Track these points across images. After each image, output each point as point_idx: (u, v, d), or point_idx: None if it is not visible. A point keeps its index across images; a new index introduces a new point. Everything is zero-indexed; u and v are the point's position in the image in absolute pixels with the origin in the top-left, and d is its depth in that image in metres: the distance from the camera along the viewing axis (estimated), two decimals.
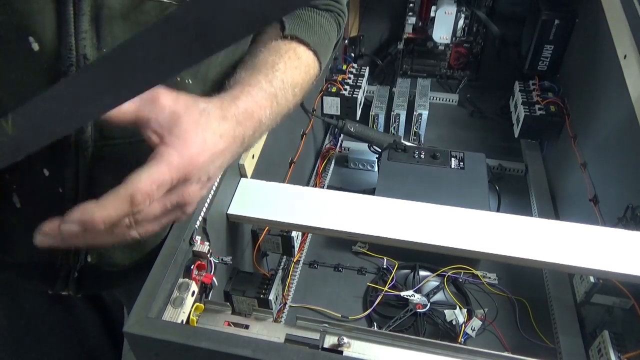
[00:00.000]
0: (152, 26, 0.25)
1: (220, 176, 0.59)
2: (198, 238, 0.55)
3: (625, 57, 0.79)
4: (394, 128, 1.16)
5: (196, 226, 0.55)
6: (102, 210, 0.37)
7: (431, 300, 0.82)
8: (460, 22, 1.21)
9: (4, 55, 0.43)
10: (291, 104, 0.52)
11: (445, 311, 0.78)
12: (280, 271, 0.87)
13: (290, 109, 0.52)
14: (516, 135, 1.08)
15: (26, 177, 0.50)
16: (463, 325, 0.76)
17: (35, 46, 0.42)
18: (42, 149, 0.35)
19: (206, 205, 0.57)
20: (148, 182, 0.37)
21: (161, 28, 0.25)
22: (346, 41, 1.27)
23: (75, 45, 0.43)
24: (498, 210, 0.97)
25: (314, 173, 1.12)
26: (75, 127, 0.40)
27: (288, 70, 0.51)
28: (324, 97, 1.09)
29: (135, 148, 0.47)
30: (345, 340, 0.49)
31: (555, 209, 1.01)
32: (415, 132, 1.16)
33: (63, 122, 0.33)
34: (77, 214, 0.37)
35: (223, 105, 0.44)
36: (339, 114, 1.11)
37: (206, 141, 0.41)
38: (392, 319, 0.81)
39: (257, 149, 0.70)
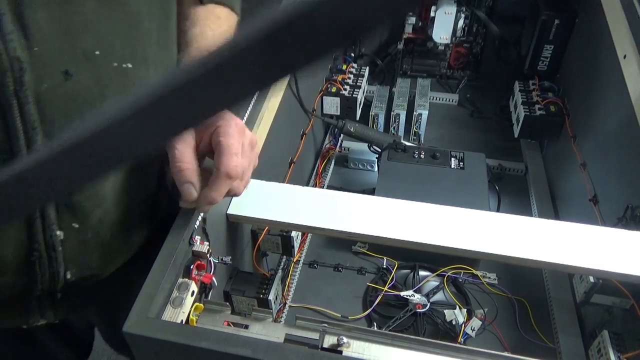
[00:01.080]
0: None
1: None
2: (197, 238, 0.55)
3: (625, 57, 0.79)
4: (394, 128, 1.16)
5: (196, 226, 0.55)
6: (217, 194, 0.48)
7: (431, 300, 0.82)
8: (460, 22, 1.21)
9: None
10: None
11: (445, 311, 0.78)
12: (280, 271, 0.87)
13: None
14: (516, 135, 1.08)
15: None
16: (463, 325, 0.76)
17: None
18: None
19: None
20: (231, 160, 0.48)
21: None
22: None
23: (4, 49, 0.40)
24: (498, 210, 0.97)
25: (314, 173, 1.12)
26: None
27: (216, 31, 0.57)
28: (324, 97, 1.09)
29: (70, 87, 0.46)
30: (345, 340, 0.49)
31: (555, 209, 1.01)
32: (415, 132, 1.16)
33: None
34: (204, 201, 0.48)
35: None
36: (338, 114, 1.11)
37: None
38: (391, 319, 0.81)
39: (256, 149, 0.70)
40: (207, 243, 0.56)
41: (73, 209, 0.49)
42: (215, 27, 0.58)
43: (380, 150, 1.03)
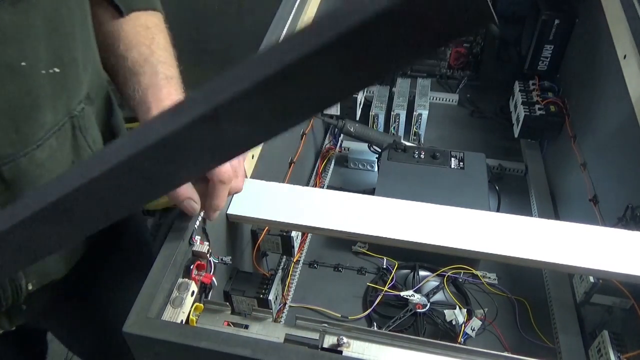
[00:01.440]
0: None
1: None
2: (197, 238, 0.55)
3: (625, 57, 0.79)
4: (394, 128, 1.16)
5: (196, 226, 0.55)
6: (220, 200, 0.51)
7: (431, 300, 0.82)
8: None
9: None
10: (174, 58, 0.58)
11: (445, 311, 0.78)
12: (280, 271, 0.87)
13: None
14: (516, 135, 1.08)
15: None
16: (463, 325, 0.76)
17: None
18: None
19: None
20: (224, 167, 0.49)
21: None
22: None
23: None
24: (498, 210, 0.97)
25: (314, 173, 1.12)
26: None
27: (154, 47, 0.56)
28: None
29: (30, 159, 0.45)
30: (345, 340, 0.49)
31: (555, 209, 1.01)
32: (415, 132, 1.16)
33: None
34: (210, 210, 0.51)
35: None
36: (338, 113, 1.10)
37: None
38: (391, 319, 0.80)
39: (256, 149, 0.70)
40: (207, 243, 0.56)
41: None
42: (149, 42, 0.56)
43: (380, 150, 1.03)
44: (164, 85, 0.53)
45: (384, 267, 0.89)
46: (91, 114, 0.52)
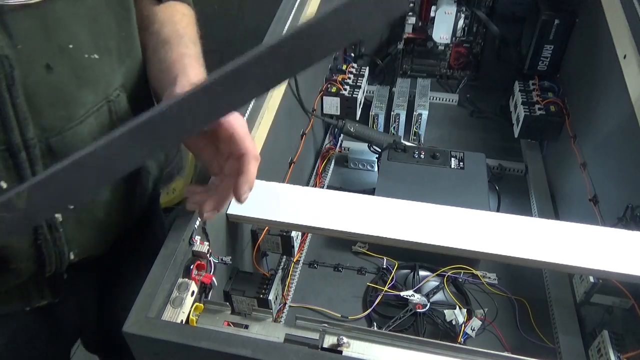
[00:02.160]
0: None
1: None
2: (197, 238, 0.55)
3: (625, 57, 0.79)
4: (394, 128, 1.16)
5: (195, 226, 0.55)
6: (253, 177, 0.52)
7: (431, 300, 0.82)
8: (460, 22, 1.21)
9: None
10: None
11: (445, 311, 0.78)
12: (280, 271, 0.87)
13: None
14: (516, 135, 1.08)
15: None
16: (463, 325, 0.76)
17: None
18: None
19: None
20: (251, 143, 0.51)
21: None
22: None
23: None
24: (498, 210, 0.97)
25: (314, 173, 1.12)
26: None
27: (187, 29, 0.61)
28: (324, 97, 1.09)
29: (74, 133, 0.51)
30: (345, 340, 0.49)
31: (555, 209, 1.01)
32: (415, 132, 1.16)
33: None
34: (245, 187, 0.51)
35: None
36: (338, 114, 1.11)
37: None
38: (391, 319, 0.81)
39: (256, 149, 0.70)
40: (207, 243, 0.56)
41: None
42: (184, 24, 0.62)
43: (380, 150, 1.03)
44: (190, 59, 0.58)
45: (384, 267, 0.89)
46: (126, 102, 0.57)
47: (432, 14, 1.20)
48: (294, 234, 0.70)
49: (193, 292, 0.52)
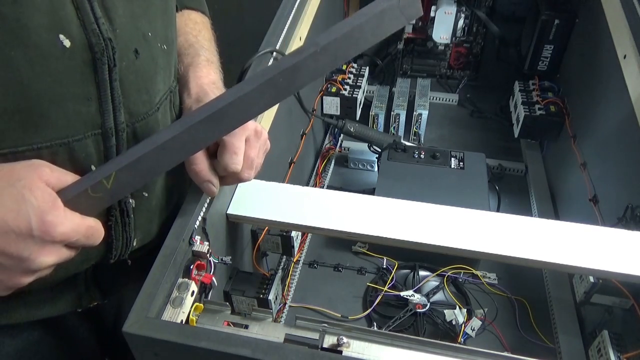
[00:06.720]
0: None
1: None
2: (197, 238, 0.55)
3: (625, 57, 0.79)
4: (394, 128, 1.16)
5: (195, 226, 0.55)
6: (255, 151, 0.55)
7: (431, 300, 0.82)
8: (460, 22, 1.21)
9: (37, 63, 0.41)
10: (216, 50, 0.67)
11: (445, 311, 0.78)
12: (280, 271, 0.87)
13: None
14: (516, 135, 1.08)
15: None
16: (463, 325, 0.76)
17: (67, 43, 0.42)
18: (87, 146, 0.47)
19: (206, 205, 0.57)
20: (230, 159, 0.52)
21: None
22: None
23: (99, 31, 0.44)
24: (498, 210, 0.97)
25: (314, 173, 1.12)
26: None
27: (198, 36, 0.64)
28: (324, 97, 1.09)
29: (154, 119, 0.53)
30: (345, 340, 0.49)
31: (555, 209, 1.01)
32: (415, 132, 1.16)
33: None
34: (252, 167, 0.54)
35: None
36: (338, 113, 1.11)
37: None
38: (391, 318, 0.81)
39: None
40: (207, 243, 0.56)
41: None
42: (196, 33, 0.65)
43: (380, 150, 1.03)
44: (204, 66, 0.61)
45: (384, 267, 0.89)
46: (177, 93, 0.59)
47: (432, 14, 1.20)
48: (294, 234, 0.70)
49: (193, 292, 0.52)
